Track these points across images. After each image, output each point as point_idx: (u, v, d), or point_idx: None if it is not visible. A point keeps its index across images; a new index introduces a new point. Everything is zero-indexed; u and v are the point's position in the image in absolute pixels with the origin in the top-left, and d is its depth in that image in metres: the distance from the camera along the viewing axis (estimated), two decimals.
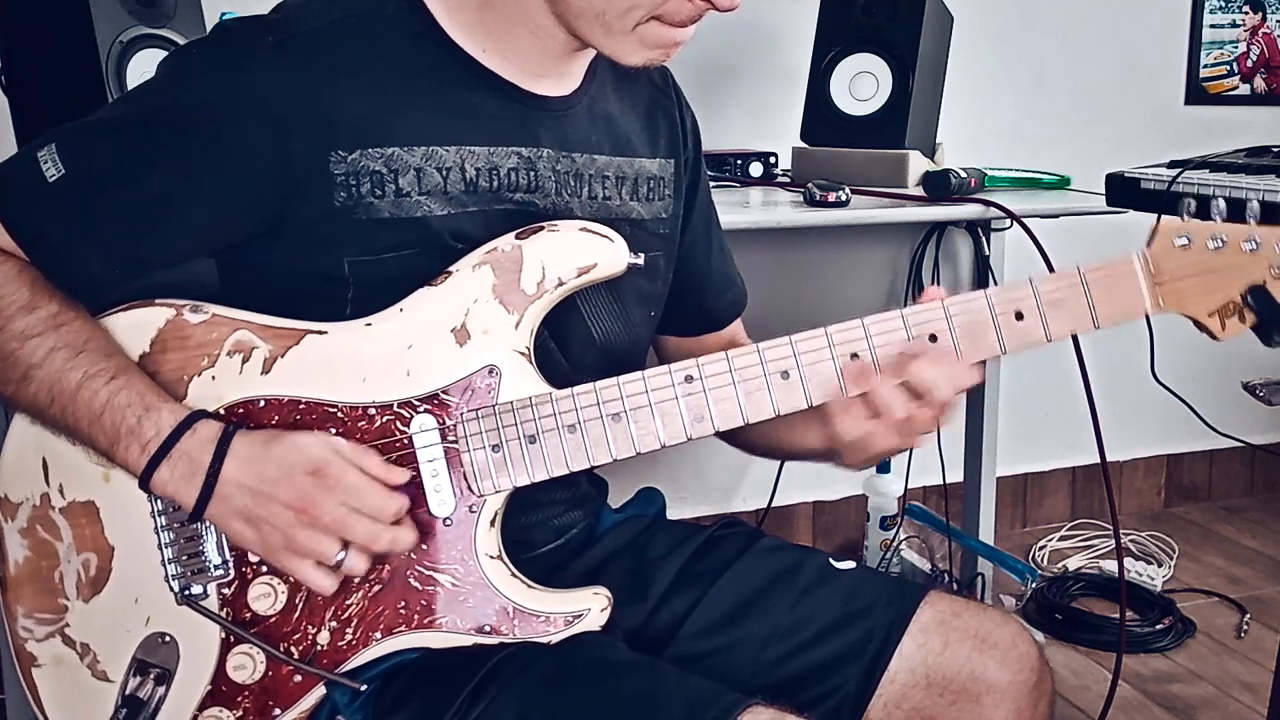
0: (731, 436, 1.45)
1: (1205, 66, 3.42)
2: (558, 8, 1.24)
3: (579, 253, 1.24)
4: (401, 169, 1.23)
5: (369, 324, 1.24)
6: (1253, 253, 1.24)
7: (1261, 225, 1.24)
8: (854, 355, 1.25)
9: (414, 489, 1.22)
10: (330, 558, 1.18)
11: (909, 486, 2.95)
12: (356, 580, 1.22)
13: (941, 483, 2.87)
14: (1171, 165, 1.88)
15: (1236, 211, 1.25)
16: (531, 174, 1.31)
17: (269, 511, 1.18)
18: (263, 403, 1.23)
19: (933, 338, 1.25)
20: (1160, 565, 3.26)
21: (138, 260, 1.25)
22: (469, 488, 1.23)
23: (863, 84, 2.54)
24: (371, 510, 1.18)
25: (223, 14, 1.93)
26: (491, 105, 1.29)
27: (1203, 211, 1.26)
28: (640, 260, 1.26)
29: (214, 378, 1.24)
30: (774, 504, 3.00)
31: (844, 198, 2.23)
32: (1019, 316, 1.26)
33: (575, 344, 1.34)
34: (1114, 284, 1.26)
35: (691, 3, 1.21)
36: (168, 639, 1.24)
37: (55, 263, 1.23)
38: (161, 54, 1.83)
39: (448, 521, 1.23)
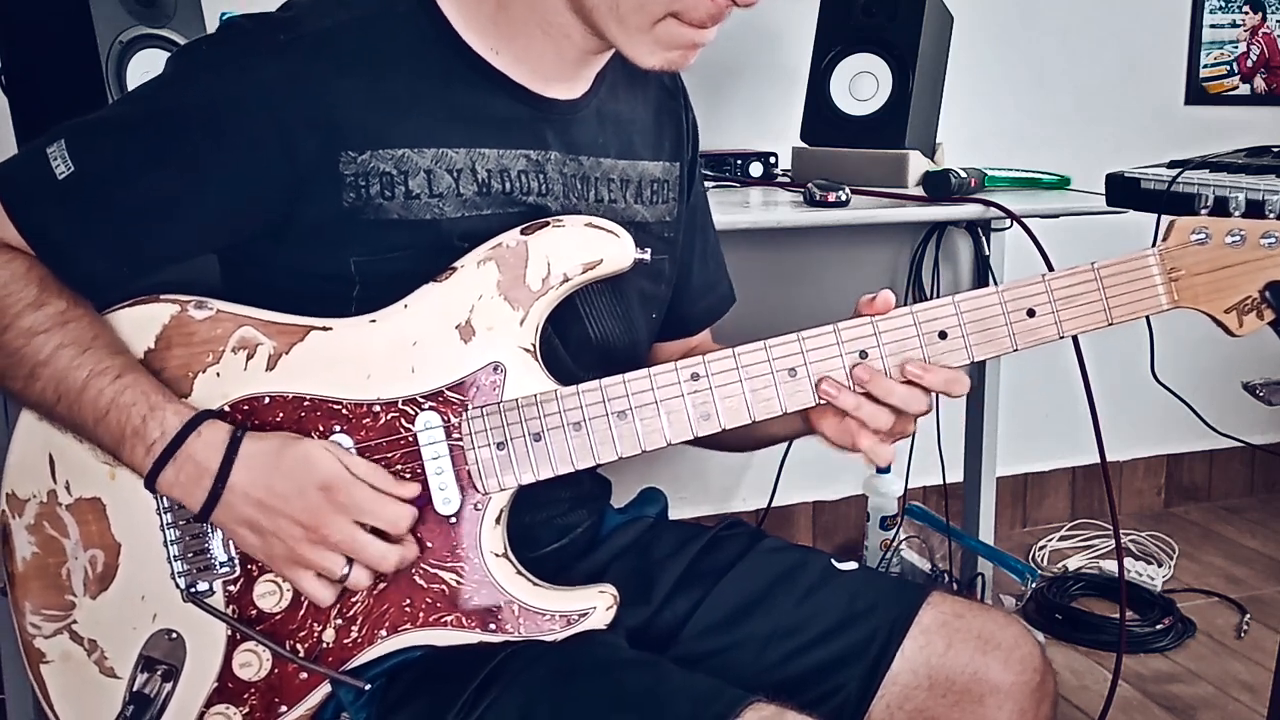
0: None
1: (1205, 66, 3.43)
2: (575, 2, 1.23)
3: (585, 248, 1.24)
4: (411, 170, 1.23)
5: (373, 320, 1.23)
6: (1271, 248, 1.23)
7: None
8: (863, 353, 1.25)
9: (419, 487, 1.22)
10: (335, 573, 1.19)
11: (909, 486, 2.95)
12: None
13: (941, 483, 2.87)
14: (1171, 165, 1.88)
15: (1255, 211, 1.25)
16: (540, 176, 1.30)
17: (276, 525, 1.18)
18: (267, 399, 1.23)
19: (942, 335, 1.25)
20: (1160, 565, 3.26)
21: (145, 258, 1.25)
22: (474, 486, 1.22)
23: (863, 84, 2.54)
24: (386, 523, 1.18)
25: (223, 14, 1.93)
26: (500, 108, 1.29)
27: (1220, 209, 1.26)
28: (647, 256, 1.26)
29: (219, 374, 1.23)
30: (774, 504, 3.00)
31: (844, 198, 2.23)
32: (1030, 313, 1.25)
33: (571, 342, 1.34)
34: (1129, 280, 1.25)
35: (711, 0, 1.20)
36: (174, 636, 1.24)
37: (63, 260, 1.23)
38: (162, 54, 1.83)
39: (453, 519, 1.23)
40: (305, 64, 1.20)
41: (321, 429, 1.22)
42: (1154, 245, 1.27)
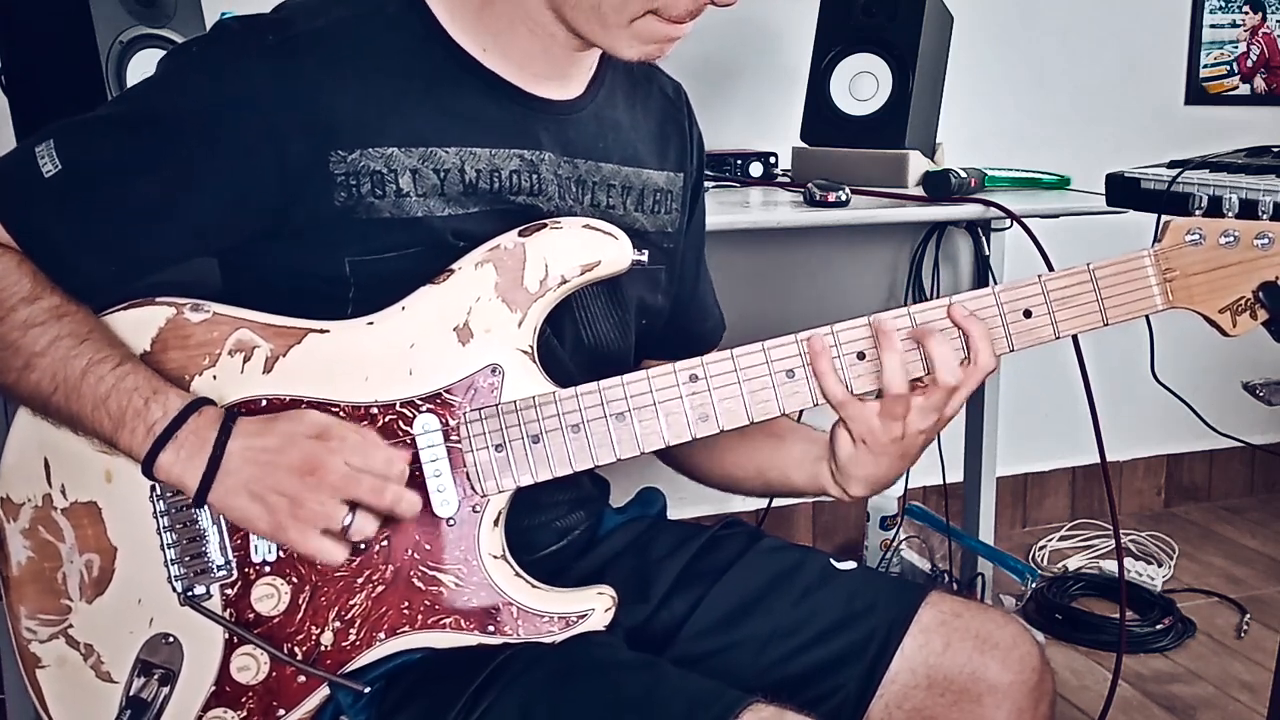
0: (710, 468, 1.50)
1: (1205, 66, 3.42)
2: (554, 1, 1.23)
3: (582, 250, 1.24)
4: (400, 169, 1.23)
5: (371, 322, 1.23)
6: (1264, 249, 1.24)
7: (1274, 221, 1.24)
8: (860, 355, 1.25)
9: (417, 489, 1.22)
10: (337, 522, 1.17)
11: (909, 486, 2.95)
12: (360, 580, 1.22)
13: (941, 483, 2.86)
14: (1171, 165, 1.88)
15: (1249, 211, 1.25)
16: (534, 177, 1.30)
17: (275, 479, 1.17)
18: (264, 402, 1.23)
19: None
20: (1160, 565, 3.26)
21: (136, 260, 1.25)
22: (472, 488, 1.22)
23: (863, 84, 2.54)
24: (378, 466, 1.17)
25: (223, 14, 1.93)
26: (492, 107, 1.29)
27: (1214, 209, 1.26)
28: (644, 257, 1.26)
29: (215, 377, 1.23)
30: (774, 504, 3.00)
31: (844, 198, 2.23)
32: (1027, 314, 1.26)
33: (565, 344, 1.34)
34: (1124, 280, 1.26)
35: None
36: (171, 639, 1.24)
37: (52, 260, 1.23)
38: (162, 54, 1.83)
39: (451, 521, 1.23)
40: (296, 65, 1.20)
41: None
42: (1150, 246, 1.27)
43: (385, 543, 1.22)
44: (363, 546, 1.22)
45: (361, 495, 1.17)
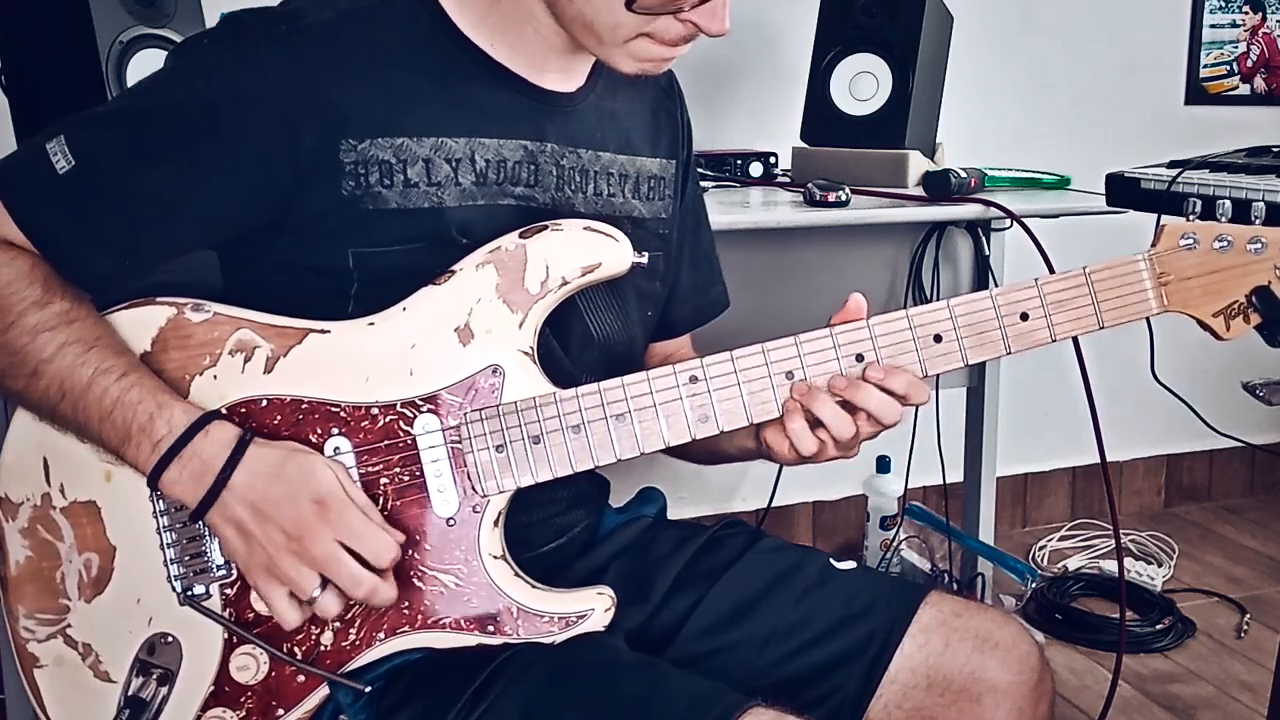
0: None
1: (1205, 66, 3.42)
2: (555, 10, 1.25)
3: (583, 252, 1.24)
4: (410, 159, 1.23)
5: (372, 323, 1.23)
6: (1257, 254, 1.26)
7: (1267, 226, 1.26)
8: (859, 356, 1.25)
9: (417, 490, 1.22)
10: (306, 592, 1.17)
11: (909, 486, 2.95)
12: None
13: (941, 483, 2.86)
14: (1171, 165, 1.89)
15: (1241, 213, 1.26)
16: (532, 168, 1.31)
17: (264, 530, 1.17)
18: (265, 402, 1.23)
19: (937, 338, 1.26)
20: (1160, 565, 3.26)
21: (147, 253, 1.25)
22: (473, 488, 1.22)
23: (863, 84, 2.54)
24: (368, 553, 1.17)
25: (223, 14, 1.93)
26: (500, 98, 1.30)
27: (1208, 212, 1.27)
28: (644, 259, 1.26)
29: (216, 376, 1.23)
30: (774, 504, 2.99)
31: (844, 198, 2.23)
32: (1024, 317, 1.27)
33: (574, 342, 1.35)
34: (1120, 284, 1.27)
35: (682, 24, 1.23)
36: (170, 639, 1.24)
37: (65, 256, 1.23)
38: (161, 54, 1.83)
39: (451, 521, 1.23)
40: (306, 55, 1.21)
41: (320, 432, 1.22)
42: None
43: None
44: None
45: (338, 580, 1.18)
